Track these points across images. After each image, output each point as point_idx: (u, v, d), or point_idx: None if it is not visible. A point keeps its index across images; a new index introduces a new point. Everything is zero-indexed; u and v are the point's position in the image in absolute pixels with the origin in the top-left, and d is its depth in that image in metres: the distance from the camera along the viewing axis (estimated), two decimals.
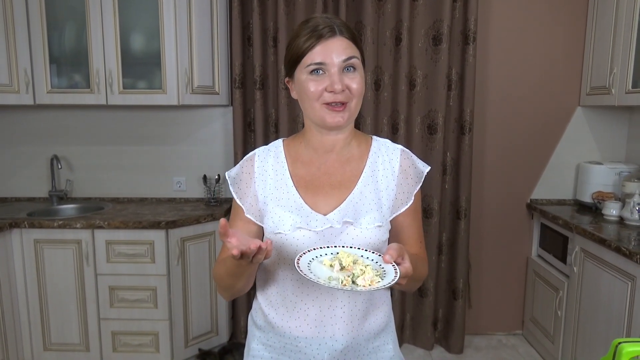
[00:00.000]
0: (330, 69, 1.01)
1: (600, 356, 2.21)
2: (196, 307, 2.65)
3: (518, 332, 3.13)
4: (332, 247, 0.98)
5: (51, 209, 2.86)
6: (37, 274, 2.49)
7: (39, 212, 2.75)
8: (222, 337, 2.79)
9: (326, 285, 0.86)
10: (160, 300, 2.50)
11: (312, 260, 0.94)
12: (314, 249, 0.97)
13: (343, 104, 1.02)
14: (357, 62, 1.03)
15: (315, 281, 0.86)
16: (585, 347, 2.35)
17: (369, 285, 0.86)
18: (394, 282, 0.87)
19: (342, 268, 0.91)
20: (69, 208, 2.90)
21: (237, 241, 0.87)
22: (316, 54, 1.01)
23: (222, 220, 0.85)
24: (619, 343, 0.73)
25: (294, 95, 1.10)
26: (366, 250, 0.98)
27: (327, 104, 1.02)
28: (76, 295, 2.51)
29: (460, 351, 2.89)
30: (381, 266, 0.93)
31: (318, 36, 1.01)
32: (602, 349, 2.20)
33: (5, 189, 3.05)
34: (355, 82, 1.03)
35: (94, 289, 2.50)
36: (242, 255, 0.87)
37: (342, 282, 0.88)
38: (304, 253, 0.95)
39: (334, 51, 1.01)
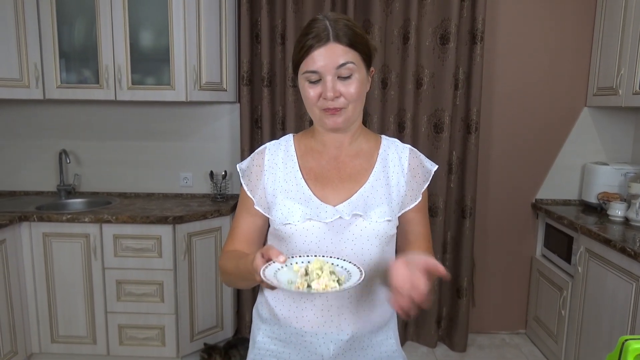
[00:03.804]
0: (325, 76, 1.01)
1: (603, 356, 2.22)
2: (202, 302, 2.67)
3: (521, 332, 3.14)
4: (311, 256, 0.99)
5: (59, 203, 2.89)
6: (45, 267, 2.52)
7: (47, 206, 2.77)
8: (227, 332, 2.81)
9: (285, 288, 0.89)
10: (166, 294, 2.53)
11: (282, 267, 0.95)
12: (292, 256, 0.98)
13: (338, 109, 1.03)
14: (352, 67, 1.02)
15: (271, 283, 0.88)
16: (588, 347, 2.36)
17: (324, 289, 0.89)
18: (351, 287, 0.89)
19: (307, 273, 0.93)
20: (77, 202, 2.93)
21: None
22: (310, 62, 1.01)
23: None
24: (625, 340, 0.74)
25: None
26: (344, 260, 0.98)
27: (324, 109, 1.04)
28: (83, 288, 2.53)
29: (464, 349, 2.90)
30: (349, 272, 0.95)
31: (310, 46, 1.01)
32: (606, 349, 2.21)
33: (14, 183, 3.08)
34: (352, 87, 1.02)
35: (101, 283, 2.52)
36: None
37: (297, 286, 0.90)
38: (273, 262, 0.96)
39: (326, 59, 1.00)
